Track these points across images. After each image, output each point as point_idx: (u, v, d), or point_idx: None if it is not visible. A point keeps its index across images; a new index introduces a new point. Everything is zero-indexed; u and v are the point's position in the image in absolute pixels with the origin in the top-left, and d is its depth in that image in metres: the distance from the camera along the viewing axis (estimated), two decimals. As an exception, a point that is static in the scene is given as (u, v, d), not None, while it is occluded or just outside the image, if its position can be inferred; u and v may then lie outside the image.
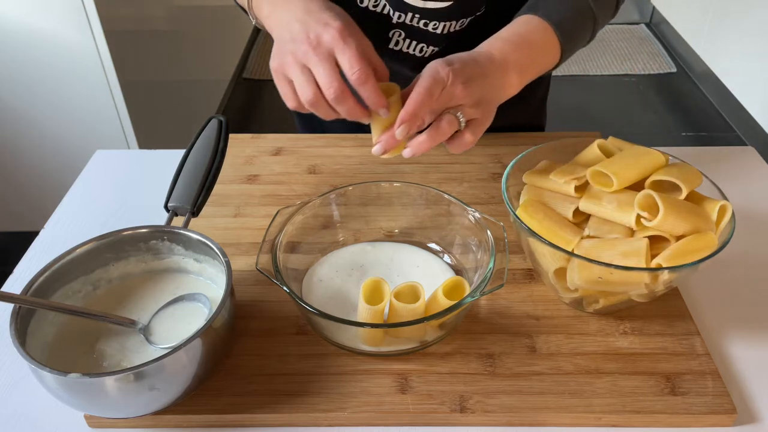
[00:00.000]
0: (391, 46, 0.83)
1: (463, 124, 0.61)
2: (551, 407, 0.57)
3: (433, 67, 0.61)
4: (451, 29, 0.80)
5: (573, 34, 0.71)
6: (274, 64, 0.62)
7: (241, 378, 0.60)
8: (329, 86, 0.58)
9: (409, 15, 0.78)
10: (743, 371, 0.62)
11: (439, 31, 0.79)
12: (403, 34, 0.81)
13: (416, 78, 0.63)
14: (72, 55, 1.61)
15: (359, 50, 0.58)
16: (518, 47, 0.67)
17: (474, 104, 0.62)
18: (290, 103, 0.62)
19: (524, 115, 0.97)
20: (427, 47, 0.82)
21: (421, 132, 0.62)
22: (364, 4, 0.79)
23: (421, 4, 0.77)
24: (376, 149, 0.62)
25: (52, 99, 1.69)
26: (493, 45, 0.67)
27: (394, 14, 0.78)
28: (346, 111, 0.60)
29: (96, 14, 1.54)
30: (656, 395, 0.58)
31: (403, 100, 0.61)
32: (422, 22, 0.79)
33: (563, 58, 0.71)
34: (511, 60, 0.66)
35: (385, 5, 0.78)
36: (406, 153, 0.62)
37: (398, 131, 0.60)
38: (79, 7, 1.54)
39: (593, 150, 0.69)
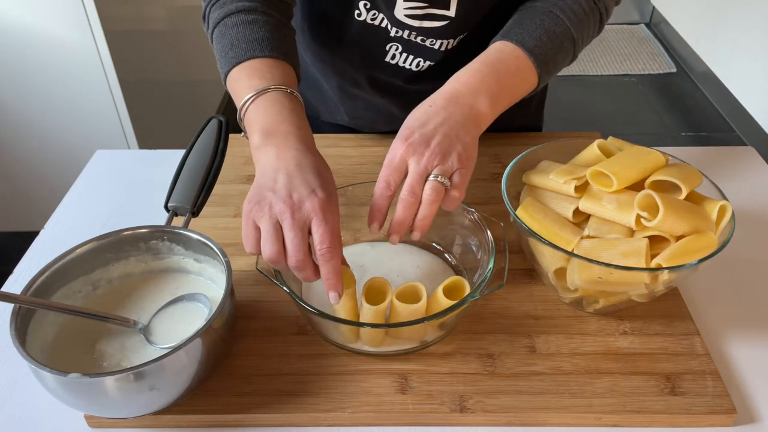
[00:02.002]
0: (387, 59, 0.83)
1: (447, 183, 0.61)
2: (551, 407, 0.57)
3: (391, 151, 0.62)
4: (449, 46, 0.80)
5: (549, 57, 0.69)
6: (247, 207, 0.58)
7: (241, 378, 0.60)
8: (294, 255, 0.56)
9: (407, 31, 0.78)
10: (743, 371, 0.62)
11: (437, 46, 0.79)
12: (400, 48, 0.81)
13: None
14: (72, 55, 1.61)
15: (334, 228, 0.57)
16: (487, 76, 0.66)
17: (446, 158, 0.61)
18: (248, 248, 0.59)
19: (521, 118, 0.97)
20: (424, 62, 0.82)
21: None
22: (362, 18, 0.79)
23: (417, 24, 0.77)
24: (392, 240, 0.63)
25: (52, 99, 1.69)
26: (459, 79, 0.66)
27: (391, 29, 0.79)
28: (304, 277, 0.59)
29: (96, 14, 1.54)
30: (656, 395, 0.58)
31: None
32: (419, 38, 0.79)
33: (541, 81, 0.70)
34: (479, 90, 0.65)
35: (383, 19, 0.78)
36: (415, 236, 0.62)
37: (371, 227, 0.62)
38: (79, 7, 1.54)
39: (593, 150, 0.69)
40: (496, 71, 0.67)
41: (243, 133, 0.67)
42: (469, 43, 0.80)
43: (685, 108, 2.84)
